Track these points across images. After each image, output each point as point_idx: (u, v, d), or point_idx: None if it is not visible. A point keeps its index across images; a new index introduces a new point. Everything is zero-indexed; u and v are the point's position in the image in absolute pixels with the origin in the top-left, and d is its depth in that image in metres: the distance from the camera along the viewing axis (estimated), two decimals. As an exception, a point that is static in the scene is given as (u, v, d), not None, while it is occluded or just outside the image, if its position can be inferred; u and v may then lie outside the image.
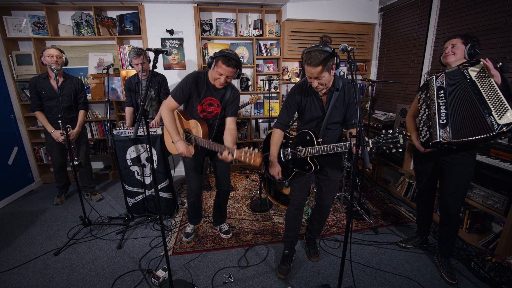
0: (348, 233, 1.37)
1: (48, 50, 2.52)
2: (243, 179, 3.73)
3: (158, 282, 1.83)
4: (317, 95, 1.66)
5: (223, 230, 2.38)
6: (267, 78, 3.30)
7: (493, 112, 1.52)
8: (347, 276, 1.79)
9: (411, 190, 2.93)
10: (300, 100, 1.71)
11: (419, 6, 3.12)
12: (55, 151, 2.83)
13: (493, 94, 1.53)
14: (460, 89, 1.65)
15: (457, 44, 1.74)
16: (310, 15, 3.48)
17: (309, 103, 1.69)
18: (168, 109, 1.85)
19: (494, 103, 1.52)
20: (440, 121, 1.69)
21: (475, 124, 1.57)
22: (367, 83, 4.03)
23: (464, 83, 1.63)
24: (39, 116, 2.72)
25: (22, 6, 3.20)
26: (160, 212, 1.52)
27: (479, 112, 1.55)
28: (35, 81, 2.64)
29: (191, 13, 3.42)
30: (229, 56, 1.69)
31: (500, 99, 1.50)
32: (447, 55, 1.77)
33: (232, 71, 1.74)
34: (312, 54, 1.43)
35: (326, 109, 1.66)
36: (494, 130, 1.51)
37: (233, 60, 1.70)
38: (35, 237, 2.41)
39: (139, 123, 1.37)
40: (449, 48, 1.76)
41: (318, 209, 1.96)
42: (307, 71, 1.49)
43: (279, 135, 1.79)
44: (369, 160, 1.20)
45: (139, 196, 2.65)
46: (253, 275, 1.94)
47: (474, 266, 1.92)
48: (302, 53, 1.53)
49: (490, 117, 1.52)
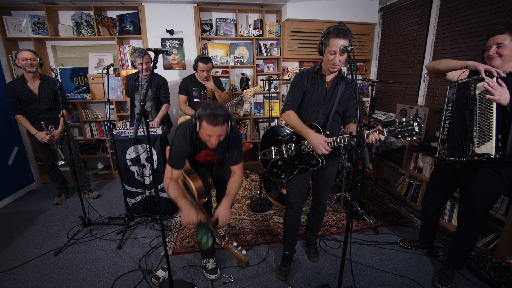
0: (348, 233, 1.37)
1: (21, 53, 2.51)
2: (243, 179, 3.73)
3: (158, 282, 1.83)
4: (324, 79, 1.68)
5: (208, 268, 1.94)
6: (267, 78, 3.29)
7: (475, 137, 1.44)
8: (347, 276, 1.79)
9: (411, 190, 2.93)
10: (306, 82, 1.70)
11: (419, 6, 3.12)
12: (42, 152, 2.85)
13: (487, 118, 1.40)
14: (462, 105, 1.53)
15: (505, 42, 1.41)
16: (310, 15, 3.48)
17: (314, 86, 1.69)
18: (173, 181, 1.61)
19: (482, 128, 1.42)
20: (442, 136, 1.62)
21: (459, 145, 1.52)
22: (367, 83, 4.03)
23: (466, 100, 1.49)
24: (20, 119, 2.71)
25: (22, 6, 3.20)
26: (160, 212, 1.52)
27: (465, 134, 1.49)
28: (13, 86, 2.62)
29: (191, 13, 3.42)
30: (213, 114, 1.40)
31: (490, 126, 1.39)
32: (491, 57, 1.48)
33: (222, 129, 1.45)
34: (342, 29, 1.48)
35: (329, 94, 1.67)
36: (467, 156, 1.46)
37: (219, 116, 1.41)
38: (35, 237, 2.41)
39: (139, 123, 1.37)
40: (493, 49, 1.46)
41: (315, 205, 1.99)
42: (335, 44, 1.48)
43: (295, 114, 1.69)
44: (369, 160, 1.20)
45: (139, 196, 2.65)
46: (253, 275, 1.94)
47: (474, 266, 1.92)
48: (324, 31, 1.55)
49: (470, 142, 1.46)
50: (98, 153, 3.73)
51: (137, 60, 2.64)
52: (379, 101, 3.93)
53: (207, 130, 1.44)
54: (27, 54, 2.51)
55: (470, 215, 1.67)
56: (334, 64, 1.56)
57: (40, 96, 2.66)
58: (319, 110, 1.69)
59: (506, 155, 1.37)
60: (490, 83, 1.38)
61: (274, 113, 3.90)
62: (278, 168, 1.85)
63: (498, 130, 1.38)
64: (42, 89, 2.68)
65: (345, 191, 2.80)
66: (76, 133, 3.75)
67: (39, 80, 2.69)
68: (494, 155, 1.37)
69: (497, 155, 1.37)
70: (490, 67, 1.43)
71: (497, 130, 1.38)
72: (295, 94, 1.72)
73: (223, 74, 3.75)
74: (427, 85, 3.10)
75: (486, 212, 1.67)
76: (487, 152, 1.39)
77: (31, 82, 2.66)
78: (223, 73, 3.75)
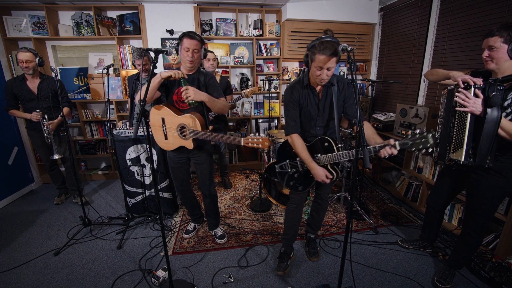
0: (348, 233, 1.37)
1: (19, 54, 2.48)
2: (243, 179, 3.73)
3: (158, 282, 1.83)
4: (314, 91, 1.65)
5: (218, 234, 2.32)
6: (267, 78, 3.30)
7: (452, 143, 1.56)
8: (347, 276, 1.79)
9: (411, 190, 2.93)
10: (299, 98, 1.67)
11: (419, 6, 3.12)
12: (42, 150, 2.84)
13: (462, 126, 1.50)
14: (448, 112, 1.60)
15: (496, 45, 1.38)
16: (310, 15, 3.48)
17: (307, 101, 1.67)
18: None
19: (457, 136, 1.53)
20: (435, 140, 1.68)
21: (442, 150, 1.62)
22: (367, 83, 4.03)
23: (450, 108, 1.57)
24: (15, 112, 2.71)
25: (22, 6, 3.20)
26: (160, 212, 1.52)
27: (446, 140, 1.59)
28: (11, 84, 2.63)
29: (191, 13, 3.42)
30: (191, 32, 1.77)
31: (463, 134, 1.50)
32: (486, 62, 1.46)
33: (197, 44, 1.77)
34: (328, 44, 1.38)
35: (321, 105, 1.66)
36: (445, 161, 1.59)
37: (196, 35, 1.78)
38: (35, 237, 2.41)
39: (139, 123, 1.37)
40: (486, 53, 1.44)
41: (317, 199, 2.00)
42: (320, 61, 1.42)
43: (300, 139, 1.67)
44: (369, 160, 1.19)
45: (139, 196, 2.65)
46: (253, 275, 1.94)
47: (474, 266, 1.92)
48: (310, 44, 1.47)
49: (449, 147, 1.58)
50: (98, 153, 3.74)
51: (136, 62, 2.67)
52: (379, 101, 3.93)
53: (186, 43, 1.74)
54: (23, 56, 2.48)
55: (476, 217, 1.67)
56: (322, 80, 1.52)
57: (38, 95, 2.66)
58: (317, 123, 1.69)
59: (475, 161, 1.48)
60: (461, 96, 1.45)
61: (274, 113, 3.91)
62: (295, 181, 1.81)
63: (469, 139, 1.48)
64: (41, 88, 2.67)
65: (345, 191, 2.80)
66: (76, 133, 3.75)
67: (38, 79, 2.69)
68: (462, 161, 1.51)
69: (466, 161, 1.50)
70: (468, 77, 1.46)
71: (469, 139, 1.48)
72: (292, 112, 1.69)
73: (223, 74, 3.75)
74: (427, 85, 3.10)
75: (492, 215, 1.68)
76: (457, 158, 1.52)
77: (30, 81, 2.66)
78: (223, 73, 3.75)
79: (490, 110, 1.39)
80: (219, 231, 2.35)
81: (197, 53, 1.80)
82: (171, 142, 1.97)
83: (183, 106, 1.92)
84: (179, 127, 1.90)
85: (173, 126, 1.91)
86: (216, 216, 2.32)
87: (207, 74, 1.94)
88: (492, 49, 1.41)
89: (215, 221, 2.33)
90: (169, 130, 1.94)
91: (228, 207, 2.91)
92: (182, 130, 1.90)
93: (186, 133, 1.89)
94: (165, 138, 1.98)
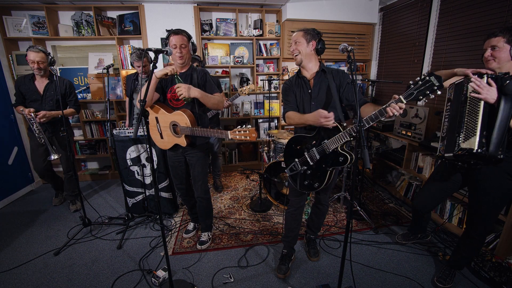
0: (348, 233, 1.37)
1: (29, 54, 2.37)
2: (243, 179, 3.73)
3: (158, 282, 1.83)
4: (305, 80, 1.73)
5: (200, 239, 2.25)
6: (267, 78, 3.30)
7: (462, 133, 1.48)
8: (347, 276, 1.79)
9: (411, 190, 2.93)
10: (291, 85, 1.79)
11: (419, 6, 3.12)
12: (36, 155, 2.71)
13: (474, 115, 1.45)
14: (457, 103, 1.57)
15: (499, 45, 1.43)
16: (310, 15, 3.48)
17: (300, 88, 1.76)
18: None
19: (469, 124, 1.46)
20: (442, 134, 1.66)
21: (450, 140, 1.55)
22: (367, 83, 4.03)
23: (460, 98, 1.54)
24: (18, 109, 2.61)
25: (22, 6, 3.20)
26: (160, 212, 1.52)
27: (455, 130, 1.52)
28: (20, 82, 2.57)
29: (191, 13, 3.42)
30: (176, 29, 1.83)
31: (475, 122, 1.43)
32: (487, 60, 1.51)
33: (183, 39, 1.81)
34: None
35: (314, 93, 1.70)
36: (454, 151, 1.50)
37: (181, 31, 1.83)
38: (35, 237, 2.41)
39: (139, 123, 1.37)
40: (489, 52, 1.49)
41: (317, 203, 2.00)
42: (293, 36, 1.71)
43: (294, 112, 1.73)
44: (369, 160, 1.19)
45: (139, 196, 2.65)
46: (253, 275, 1.94)
47: (474, 266, 1.92)
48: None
49: (458, 137, 1.50)
50: (98, 153, 3.74)
51: (135, 63, 2.67)
52: (379, 101, 3.93)
53: (173, 41, 1.79)
54: (33, 57, 2.38)
55: (480, 218, 1.66)
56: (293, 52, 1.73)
57: (43, 96, 2.58)
58: (311, 109, 1.70)
59: (489, 150, 1.40)
60: (476, 82, 1.41)
61: (274, 113, 3.91)
62: (310, 179, 1.73)
63: (483, 127, 1.41)
64: (48, 89, 2.59)
65: (345, 191, 2.80)
66: (76, 133, 3.75)
67: (47, 80, 2.60)
68: (476, 150, 1.41)
69: (479, 150, 1.40)
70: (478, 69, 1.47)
71: (482, 127, 1.41)
72: (289, 97, 1.80)
73: (223, 74, 3.75)
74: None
75: (496, 216, 1.67)
76: (470, 147, 1.43)
77: (38, 80, 2.58)
78: (223, 73, 3.75)
79: (504, 99, 1.37)
80: (204, 236, 2.27)
81: (185, 48, 1.83)
82: (166, 140, 1.99)
83: (177, 104, 1.93)
84: (171, 125, 1.91)
85: (166, 124, 1.92)
86: (206, 220, 2.25)
87: (200, 70, 1.97)
88: (495, 49, 1.46)
89: (205, 224, 2.26)
90: (163, 129, 1.96)
91: (228, 207, 2.91)
92: (175, 127, 1.91)
93: (178, 131, 1.90)
94: (161, 137, 2.00)
